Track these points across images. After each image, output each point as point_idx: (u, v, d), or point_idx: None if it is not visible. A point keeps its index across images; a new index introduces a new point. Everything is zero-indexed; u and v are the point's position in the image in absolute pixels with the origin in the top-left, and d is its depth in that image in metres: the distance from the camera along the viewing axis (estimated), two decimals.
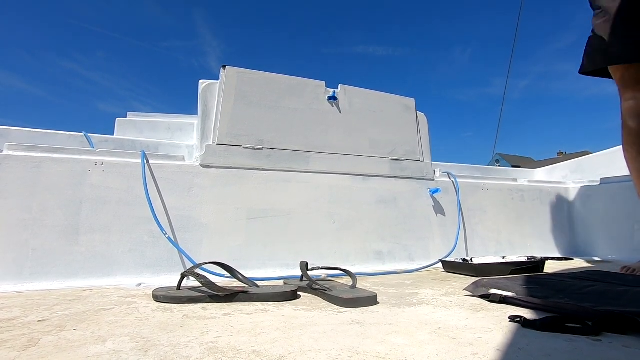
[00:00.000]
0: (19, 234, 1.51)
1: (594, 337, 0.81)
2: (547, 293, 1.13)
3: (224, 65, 2.02)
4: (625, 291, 1.08)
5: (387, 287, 1.49)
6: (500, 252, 2.42)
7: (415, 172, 2.37)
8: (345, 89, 2.28)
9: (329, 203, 2.08)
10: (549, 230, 2.71)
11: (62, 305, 1.13)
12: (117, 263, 1.61)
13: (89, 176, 1.65)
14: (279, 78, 2.13)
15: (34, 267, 1.49)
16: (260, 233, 1.89)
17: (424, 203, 2.34)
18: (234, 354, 0.73)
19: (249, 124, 2.01)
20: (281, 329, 0.90)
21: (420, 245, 2.24)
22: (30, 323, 0.93)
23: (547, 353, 0.72)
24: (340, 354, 0.72)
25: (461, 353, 0.73)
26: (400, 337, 0.83)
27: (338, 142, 2.19)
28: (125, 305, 1.14)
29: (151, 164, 1.77)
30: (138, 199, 1.69)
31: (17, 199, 1.53)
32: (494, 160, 32.97)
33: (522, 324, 0.90)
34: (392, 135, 2.35)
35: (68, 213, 1.59)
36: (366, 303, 1.15)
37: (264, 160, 1.99)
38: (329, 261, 1.95)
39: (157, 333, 0.86)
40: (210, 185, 1.86)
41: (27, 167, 1.57)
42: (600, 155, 3.03)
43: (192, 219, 1.78)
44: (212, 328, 0.90)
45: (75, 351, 0.74)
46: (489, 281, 1.30)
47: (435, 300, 1.22)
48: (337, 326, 0.92)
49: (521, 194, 2.70)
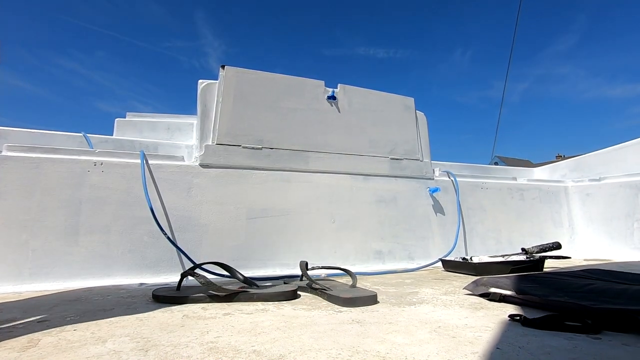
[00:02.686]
0: (19, 234, 1.50)
1: (594, 335, 0.81)
2: (547, 291, 1.13)
3: (223, 65, 2.02)
4: (625, 289, 1.08)
5: (387, 286, 1.49)
6: (500, 250, 2.43)
7: (415, 171, 2.37)
8: (344, 88, 2.28)
9: (329, 203, 2.08)
10: (548, 229, 2.71)
11: (62, 305, 1.13)
12: (117, 263, 1.61)
13: (89, 176, 1.65)
14: (278, 78, 2.13)
15: (34, 268, 1.49)
16: (260, 233, 1.89)
17: (423, 202, 2.34)
18: (234, 353, 0.73)
19: (248, 123, 2.01)
20: (281, 328, 0.90)
21: (420, 244, 2.24)
22: (30, 324, 0.93)
23: (547, 351, 0.72)
24: (340, 353, 0.72)
25: (461, 352, 0.73)
26: (400, 336, 0.83)
27: (337, 141, 2.19)
28: (125, 305, 1.14)
29: (150, 164, 1.77)
30: (137, 199, 1.69)
31: (17, 200, 1.53)
32: (493, 163, 33.11)
33: (522, 323, 0.91)
34: (392, 135, 2.35)
35: (68, 213, 1.59)
36: (366, 302, 1.15)
37: (263, 160, 1.99)
38: (329, 261, 1.95)
39: (157, 333, 0.86)
40: (209, 185, 1.85)
41: (27, 167, 1.57)
42: (600, 154, 3.03)
43: (192, 219, 1.78)
44: (212, 328, 0.90)
45: (75, 351, 0.74)
46: (489, 280, 1.30)
47: (435, 299, 1.22)
48: (337, 325, 0.92)
49: (521, 192, 2.70)
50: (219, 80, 2.01)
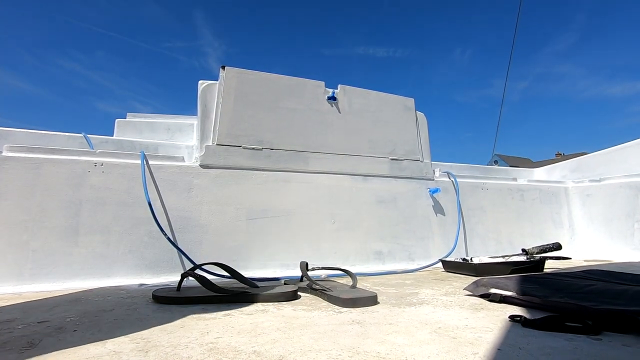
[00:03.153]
0: (19, 235, 1.51)
1: (594, 336, 0.81)
2: (547, 292, 1.13)
3: (223, 66, 2.02)
4: (625, 290, 1.08)
5: (387, 287, 1.49)
6: (500, 251, 2.43)
7: (415, 171, 2.37)
8: (344, 89, 2.28)
9: (329, 203, 2.08)
10: (548, 229, 2.71)
11: (62, 306, 1.13)
12: (117, 264, 1.61)
13: (89, 177, 1.65)
14: (278, 78, 2.13)
15: (34, 269, 1.49)
16: (260, 233, 1.89)
17: (423, 203, 2.34)
18: (234, 354, 0.72)
19: (249, 124, 2.01)
20: (281, 329, 0.90)
21: (420, 245, 2.24)
22: (30, 324, 0.93)
23: (547, 352, 0.72)
24: (340, 354, 0.72)
25: (461, 352, 0.72)
26: (400, 336, 0.83)
27: (337, 142, 2.19)
28: (125, 306, 1.14)
29: (151, 165, 1.77)
30: (138, 200, 1.69)
31: (17, 200, 1.53)
32: (493, 161, 33.02)
33: (522, 323, 0.91)
34: (392, 135, 2.35)
35: (68, 214, 1.59)
36: (366, 303, 1.15)
37: (263, 161, 1.99)
38: (329, 261, 1.95)
39: (157, 334, 0.86)
40: (209, 186, 1.86)
41: (27, 168, 1.57)
42: (600, 154, 3.03)
43: (192, 220, 1.79)
44: (212, 328, 0.90)
45: (75, 352, 0.74)
46: (489, 280, 1.30)
47: (436, 300, 1.22)
48: (337, 326, 0.92)
49: (521, 193, 2.70)
50: (219, 80, 2.01)
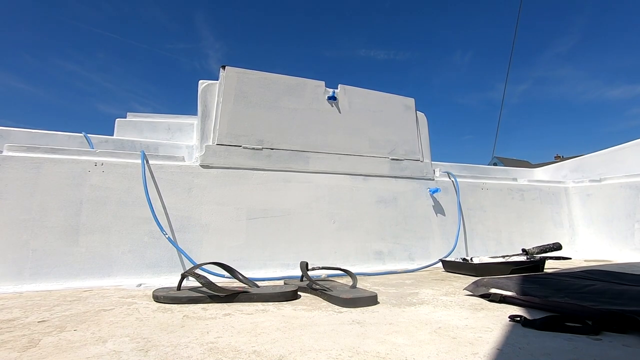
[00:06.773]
0: (19, 234, 1.51)
1: (594, 336, 0.81)
2: (547, 292, 1.13)
3: (224, 66, 2.02)
4: (625, 290, 1.08)
5: (387, 286, 1.49)
6: (500, 251, 2.43)
7: (415, 171, 2.37)
8: (344, 88, 2.28)
9: (329, 203, 2.08)
10: (548, 230, 2.71)
11: (63, 306, 1.13)
12: (117, 263, 1.61)
13: (89, 177, 1.65)
14: (278, 78, 2.13)
15: (34, 268, 1.49)
16: (260, 233, 1.89)
17: (424, 203, 2.34)
18: (234, 354, 0.73)
19: (249, 124, 2.01)
20: (281, 329, 0.90)
21: (420, 244, 2.24)
22: (31, 324, 0.93)
23: (547, 352, 0.72)
24: (340, 354, 0.72)
25: (461, 352, 0.73)
26: (400, 336, 0.83)
27: (338, 142, 2.19)
28: (126, 305, 1.14)
29: (151, 165, 1.77)
30: (138, 200, 1.69)
31: (17, 200, 1.53)
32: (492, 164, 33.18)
33: (522, 324, 0.91)
34: (392, 135, 2.35)
35: (68, 214, 1.59)
36: (366, 303, 1.15)
37: (263, 161, 1.99)
38: (329, 261, 1.95)
39: (157, 333, 0.86)
40: (210, 186, 1.86)
41: (27, 167, 1.57)
42: (600, 154, 3.03)
43: (192, 219, 1.79)
44: (213, 328, 0.90)
45: (75, 352, 0.74)
46: (489, 280, 1.30)
47: (436, 300, 1.22)
48: (337, 326, 0.92)
49: (521, 193, 2.70)
50: (219, 80, 2.01)
